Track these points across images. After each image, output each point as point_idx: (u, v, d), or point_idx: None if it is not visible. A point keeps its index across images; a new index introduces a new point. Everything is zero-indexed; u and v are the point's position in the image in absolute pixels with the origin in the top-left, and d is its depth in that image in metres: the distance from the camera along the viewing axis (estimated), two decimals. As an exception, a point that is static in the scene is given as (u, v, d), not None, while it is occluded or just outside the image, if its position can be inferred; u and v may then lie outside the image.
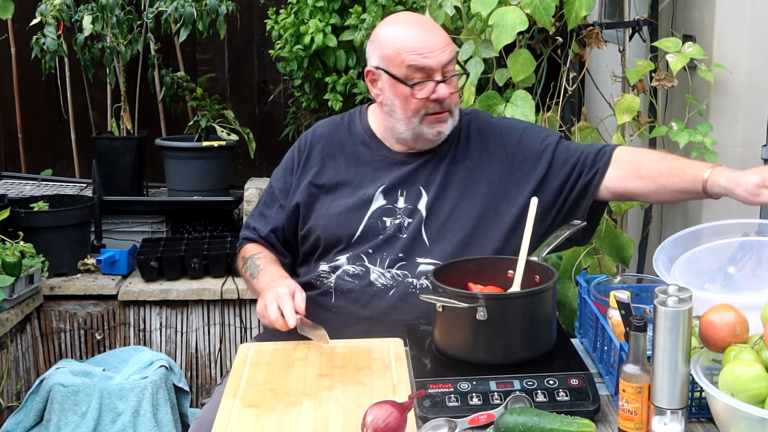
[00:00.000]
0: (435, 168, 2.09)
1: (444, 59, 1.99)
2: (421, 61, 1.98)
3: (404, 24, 2.07)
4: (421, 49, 1.99)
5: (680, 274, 1.78)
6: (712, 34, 2.66)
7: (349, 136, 2.17)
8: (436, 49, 1.99)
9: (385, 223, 2.06)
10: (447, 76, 2.01)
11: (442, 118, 2.04)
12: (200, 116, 4.27)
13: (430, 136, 2.06)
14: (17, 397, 3.28)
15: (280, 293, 1.91)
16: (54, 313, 3.52)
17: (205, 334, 3.58)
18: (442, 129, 2.05)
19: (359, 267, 2.05)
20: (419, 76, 2.00)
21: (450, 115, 2.05)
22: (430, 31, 2.03)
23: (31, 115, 4.80)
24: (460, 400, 1.59)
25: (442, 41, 2.01)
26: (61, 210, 3.66)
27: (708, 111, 2.67)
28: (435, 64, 1.98)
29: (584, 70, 2.84)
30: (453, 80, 2.03)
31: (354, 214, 2.08)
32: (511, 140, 2.11)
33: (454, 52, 2.03)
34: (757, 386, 1.40)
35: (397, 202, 2.08)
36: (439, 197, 2.07)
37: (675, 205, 2.96)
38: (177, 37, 4.14)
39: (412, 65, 1.99)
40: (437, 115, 2.03)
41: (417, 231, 2.05)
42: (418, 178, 2.09)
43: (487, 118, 2.21)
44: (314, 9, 3.65)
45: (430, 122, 2.04)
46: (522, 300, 1.73)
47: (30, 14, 4.07)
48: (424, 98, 2.01)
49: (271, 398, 1.65)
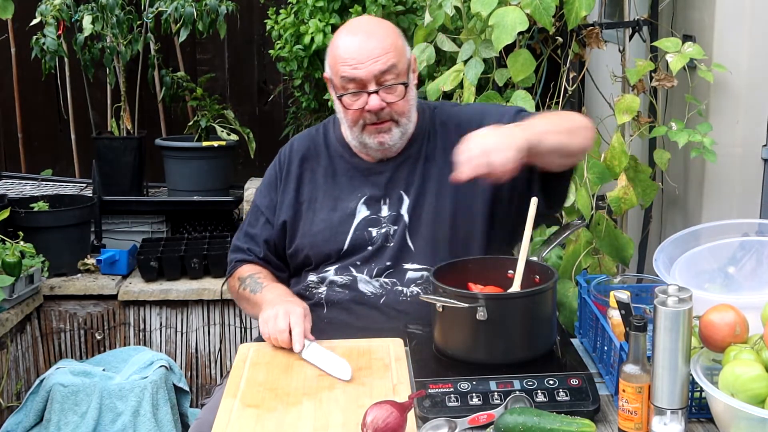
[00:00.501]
0: (411, 170, 2.06)
1: (376, 69, 1.93)
2: (350, 72, 1.95)
3: (345, 33, 2.02)
4: (351, 60, 1.95)
5: (680, 274, 1.78)
6: (712, 34, 2.66)
7: (325, 149, 2.15)
8: (367, 60, 1.94)
9: (372, 234, 2.04)
10: (383, 85, 1.95)
11: (382, 129, 2.00)
12: (200, 116, 4.27)
13: (374, 146, 2.02)
14: (17, 397, 3.28)
15: (296, 311, 1.87)
16: (54, 313, 3.52)
17: (205, 334, 3.58)
18: (384, 139, 2.01)
19: (347, 277, 2.03)
20: (352, 87, 1.96)
21: (395, 124, 2.00)
22: (366, 39, 1.96)
23: (31, 115, 4.80)
24: (460, 400, 1.59)
25: (377, 51, 1.94)
26: (61, 210, 3.66)
27: (708, 111, 2.67)
28: (365, 75, 1.94)
29: (584, 70, 2.84)
30: (395, 89, 1.97)
31: (339, 228, 2.06)
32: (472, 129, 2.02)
33: (396, 60, 1.96)
34: (757, 386, 1.40)
35: (380, 211, 2.05)
36: (419, 200, 2.04)
37: (675, 204, 2.97)
38: (177, 37, 4.14)
39: (344, 76, 1.96)
40: (376, 126, 1.99)
41: (402, 238, 2.03)
42: (397, 183, 2.06)
43: (450, 109, 2.16)
44: (314, 9, 3.64)
45: (370, 132, 2.01)
46: (522, 300, 1.73)
47: (30, 14, 4.07)
48: (359, 109, 1.98)
49: (271, 398, 1.65)
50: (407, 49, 2.04)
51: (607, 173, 2.64)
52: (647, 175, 2.78)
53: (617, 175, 2.66)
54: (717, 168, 2.66)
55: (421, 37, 2.97)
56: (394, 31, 2.03)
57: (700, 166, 2.74)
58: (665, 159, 2.73)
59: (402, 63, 1.98)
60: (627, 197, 2.64)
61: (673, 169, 2.88)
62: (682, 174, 2.89)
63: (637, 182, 2.74)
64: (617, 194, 2.65)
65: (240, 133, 4.27)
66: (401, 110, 2.00)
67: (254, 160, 4.36)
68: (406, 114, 2.02)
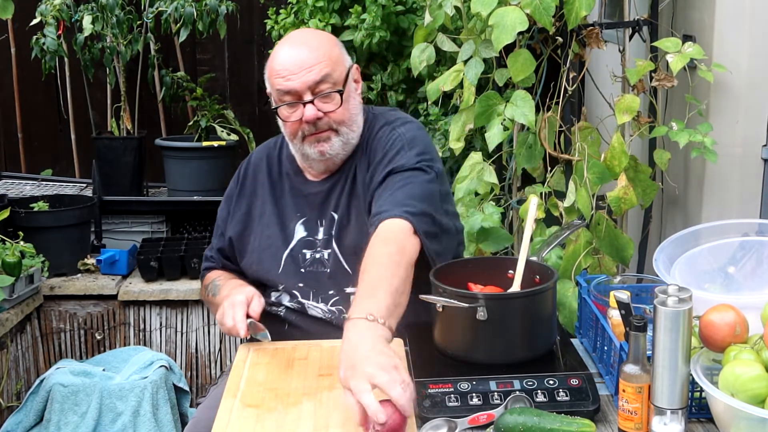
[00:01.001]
0: (342, 189, 2.03)
1: (310, 79, 1.92)
2: (284, 84, 1.94)
3: (280, 47, 2.00)
4: (284, 71, 1.94)
5: (680, 274, 1.78)
6: (712, 34, 2.66)
7: (277, 164, 2.14)
8: (300, 70, 1.92)
9: (305, 256, 2.03)
10: (319, 95, 1.94)
11: (321, 138, 1.98)
12: (200, 116, 4.28)
13: (315, 156, 2.00)
14: (17, 397, 3.28)
15: (235, 300, 1.89)
16: (54, 313, 3.52)
17: (205, 334, 3.58)
18: (324, 149, 1.99)
19: (296, 303, 2.02)
20: (288, 98, 1.95)
21: (335, 134, 1.98)
22: (299, 51, 1.95)
23: (31, 115, 4.80)
24: (460, 400, 1.59)
25: (311, 60, 1.93)
26: (61, 210, 3.66)
27: (708, 111, 2.67)
28: (299, 85, 1.93)
29: (584, 70, 2.84)
30: (332, 97, 1.95)
31: (279, 247, 2.05)
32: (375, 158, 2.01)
33: (330, 69, 1.94)
34: (757, 386, 1.40)
35: (317, 234, 2.03)
36: (346, 220, 2.02)
37: (675, 204, 2.97)
38: (177, 37, 4.14)
39: (279, 89, 1.96)
40: (315, 135, 1.98)
41: (337, 262, 2.00)
42: (329, 203, 2.04)
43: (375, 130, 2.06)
44: (314, 9, 3.64)
45: (310, 143, 1.99)
46: (522, 300, 1.73)
47: (30, 14, 4.07)
48: (297, 121, 1.96)
49: (271, 398, 1.65)
50: (345, 59, 2.02)
51: (607, 173, 2.64)
52: (647, 175, 2.78)
53: (617, 175, 2.66)
54: (717, 168, 2.66)
55: (421, 37, 2.97)
56: (329, 42, 2.01)
57: (700, 166, 2.74)
58: (665, 159, 2.72)
59: (338, 72, 1.96)
60: (627, 197, 2.64)
61: (673, 169, 2.88)
62: (682, 174, 2.89)
63: (637, 182, 2.74)
64: (617, 194, 2.65)
65: (240, 133, 4.27)
66: (340, 119, 1.98)
67: (254, 160, 4.35)
68: (345, 123, 1.99)
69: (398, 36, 3.69)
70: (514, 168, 2.97)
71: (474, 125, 2.74)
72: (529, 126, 2.64)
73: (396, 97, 3.73)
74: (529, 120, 2.60)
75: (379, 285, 1.65)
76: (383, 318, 1.58)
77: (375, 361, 1.46)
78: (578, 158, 2.68)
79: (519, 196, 3.00)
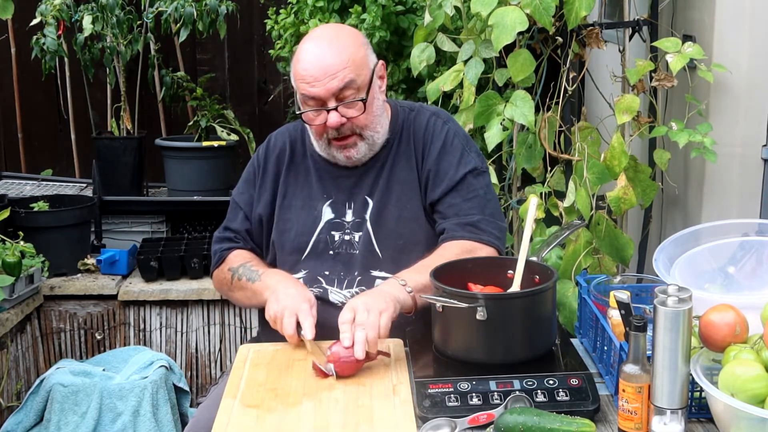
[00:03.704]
0: (378, 174, 2.04)
1: (334, 86, 1.91)
2: (308, 90, 1.93)
3: (305, 45, 1.98)
4: (309, 78, 1.92)
5: (680, 274, 1.78)
6: (712, 34, 2.66)
7: (301, 146, 2.13)
8: (324, 77, 1.91)
9: (334, 238, 2.03)
10: (343, 102, 1.93)
11: (347, 144, 1.99)
12: (200, 116, 4.28)
13: (342, 160, 2.02)
14: (17, 397, 3.28)
15: (303, 309, 1.84)
16: (54, 313, 3.52)
17: (205, 334, 3.58)
18: (351, 154, 2.00)
19: (317, 288, 2.01)
20: (312, 104, 1.95)
21: (360, 138, 1.99)
22: (323, 56, 1.92)
23: (31, 115, 4.80)
24: (460, 400, 1.59)
25: (335, 66, 1.91)
26: (61, 210, 3.66)
27: (708, 111, 2.67)
28: (323, 93, 1.92)
29: (584, 70, 2.84)
30: (355, 104, 1.94)
31: (305, 228, 2.05)
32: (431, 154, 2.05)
33: (354, 74, 1.92)
34: (757, 386, 1.40)
35: (345, 215, 2.04)
36: (384, 205, 2.03)
37: (675, 204, 2.97)
38: (177, 37, 4.14)
39: (303, 93, 1.95)
40: (340, 141, 1.98)
41: (368, 245, 2.01)
42: (362, 187, 2.05)
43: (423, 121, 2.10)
44: (314, 9, 3.64)
45: (336, 147, 2.00)
46: (522, 300, 1.73)
47: (30, 14, 4.07)
48: (320, 125, 1.96)
49: (271, 398, 1.65)
50: (370, 59, 1.99)
51: (606, 173, 2.64)
52: (647, 175, 2.78)
53: (617, 175, 2.66)
54: (717, 168, 2.66)
55: (421, 37, 2.97)
56: (354, 43, 1.98)
57: (700, 166, 2.74)
58: (665, 159, 2.73)
59: (362, 76, 1.95)
60: (627, 197, 2.64)
61: (673, 169, 2.88)
62: (682, 174, 2.89)
63: (637, 182, 2.74)
64: (617, 194, 2.65)
65: (240, 133, 4.27)
66: (363, 124, 1.98)
67: (254, 160, 4.35)
68: (369, 126, 1.99)
69: (398, 36, 3.69)
70: (514, 168, 2.97)
71: (474, 125, 2.74)
72: (529, 126, 2.64)
73: (396, 97, 3.73)
74: (528, 120, 2.60)
75: (428, 268, 1.80)
76: (412, 289, 1.84)
77: (366, 300, 1.76)
78: (578, 158, 2.68)
79: (519, 196, 3.00)
